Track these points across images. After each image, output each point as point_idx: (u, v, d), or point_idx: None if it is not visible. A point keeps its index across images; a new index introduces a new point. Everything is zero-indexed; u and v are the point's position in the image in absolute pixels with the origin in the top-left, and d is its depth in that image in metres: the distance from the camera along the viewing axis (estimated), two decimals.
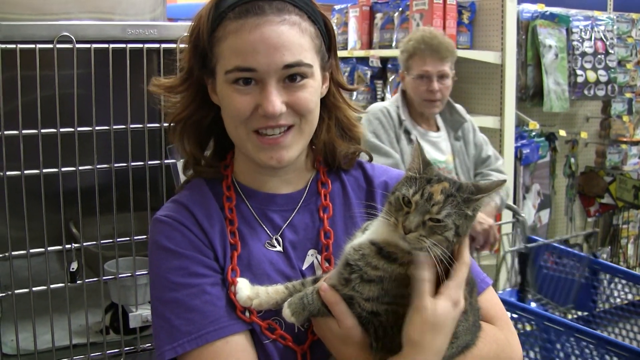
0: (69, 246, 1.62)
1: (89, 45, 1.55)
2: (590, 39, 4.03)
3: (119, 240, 1.66)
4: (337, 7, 4.44)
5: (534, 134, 3.98)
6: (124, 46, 1.59)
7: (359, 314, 0.97)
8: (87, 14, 1.66)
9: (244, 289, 1.03)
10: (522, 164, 3.87)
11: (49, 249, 1.59)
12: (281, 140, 1.06)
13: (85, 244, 1.64)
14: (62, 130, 1.55)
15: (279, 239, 1.12)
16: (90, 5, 1.67)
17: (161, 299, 1.05)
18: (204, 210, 1.10)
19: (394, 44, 3.82)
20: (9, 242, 1.54)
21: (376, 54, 3.92)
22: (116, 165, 1.64)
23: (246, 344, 1.03)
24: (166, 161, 1.70)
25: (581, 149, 4.47)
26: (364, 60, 4.06)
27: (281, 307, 1.01)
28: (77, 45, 1.53)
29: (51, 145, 1.54)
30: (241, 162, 1.16)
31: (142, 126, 1.64)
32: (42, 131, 1.53)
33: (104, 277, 1.67)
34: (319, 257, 1.12)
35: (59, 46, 1.51)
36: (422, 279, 0.93)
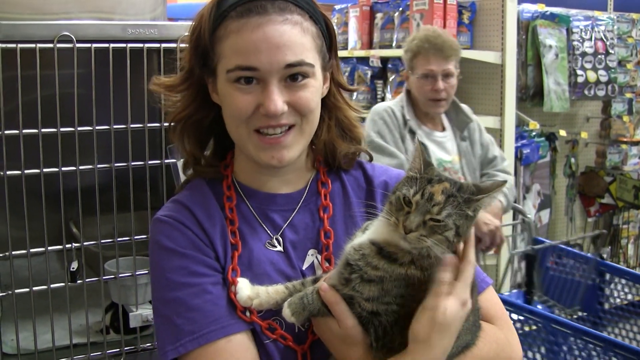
0: (69, 246, 1.62)
1: (89, 44, 1.55)
2: (590, 39, 4.03)
3: (119, 239, 1.66)
4: (337, 7, 4.44)
5: (534, 134, 3.98)
6: (124, 46, 1.59)
7: (359, 314, 0.97)
8: (88, 13, 1.66)
9: (244, 288, 1.03)
10: (522, 164, 3.87)
11: (49, 248, 1.59)
12: (282, 139, 1.06)
13: (85, 243, 1.64)
14: (62, 129, 1.55)
15: (280, 238, 1.12)
16: (90, 4, 1.67)
17: (163, 298, 1.05)
18: (204, 210, 1.10)
19: (394, 44, 3.82)
20: (9, 242, 1.54)
21: (376, 53, 3.93)
22: (116, 164, 1.64)
23: (248, 342, 1.03)
24: (166, 161, 1.70)
25: (581, 149, 4.47)
26: (364, 60, 4.06)
27: (281, 307, 1.01)
28: (78, 44, 1.53)
29: (51, 144, 1.54)
30: (241, 162, 1.16)
31: (142, 126, 1.65)
32: (43, 131, 1.53)
33: (104, 277, 1.68)
34: (319, 257, 1.12)
35: (59, 46, 1.52)
36: (443, 281, 0.93)
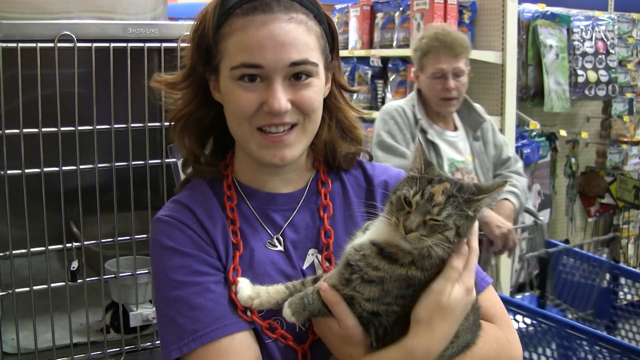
0: (69, 245, 1.62)
1: (89, 44, 1.55)
2: (591, 39, 4.03)
3: (119, 239, 1.66)
4: (338, 6, 4.44)
5: (534, 133, 3.98)
6: (124, 45, 1.59)
7: (360, 314, 0.97)
8: (88, 12, 1.66)
9: (245, 288, 1.03)
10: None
11: (50, 247, 1.60)
12: (285, 138, 1.06)
13: (85, 242, 1.64)
14: (62, 129, 1.56)
15: (280, 238, 1.12)
16: (91, 4, 1.67)
17: (165, 298, 1.05)
18: (205, 209, 1.10)
19: (394, 44, 3.82)
20: (10, 241, 1.54)
21: (377, 53, 3.93)
22: (117, 164, 1.65)
23: (251, 341, 1.03)
24: (167, 160, 1.70)
25: (582, 149, 4.47)
26: (364, 59, 4.07)
27: (282, 307, 1.01)
28: (78, 44, 1.53)
29: (52, 144, 1.54)
30: (242, 161, 1.16)
31: (142, 125, 1.65)
32: (43, 130, 1.53)
33: (105, 276, 1.68)
34: (320, 257, 1.12)
35: (59, 45, 1.52)
36: (456, 268, 0.95)
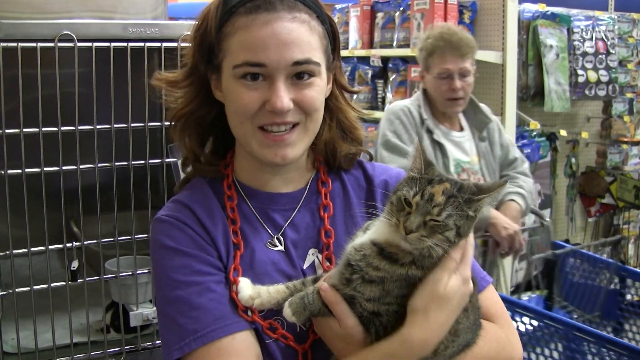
0: (69, 245, 1.62)
1: (90, 43, 1.55)
2: (591, 39, 4.02)
3: (119, 238, 1.66)
4: (338, 6, 4.44)
5: (534, 133, 3.97)
6: (125, 45, 1.59)
7: (360, 314, 0.97)
8: (89, 12, 1.66)
9: (246, 288, 1.03)
10: None
11: (50, 247, 1.60)
12: (286, 137, 1.06)
13: (86, 242, 1.64)
14: (63, 128, 1.56)
15: (281, 238, 1.12)
16: (91, 3, 1.67)
17: (166, 298, 1.05)
18: (205, 209, 1.10)
19: (395, 44, 3.82)
20: (10, 241, 1.54)
21: (377, 53, 3.92)
22: (117, 163, 1.64)
23: (252, 340, 1.03)
24: (167, 160, 1.70)
25: (582, 149, 4.47)
26: (364, 59, 4.07)
27: (282, 307, 1.01)
28: (78, 43, 1.53)
29: (52, 143, 1.54)
30: (242, 161, 1.16)
31: (143, 125, 1.65)
32: (43, 130, 1.53)
33: (105, 276, 1.68)
34: (320, 256, 1.12)
35: (60, 45, 1.52)
36: (454, 258, 0.95)
